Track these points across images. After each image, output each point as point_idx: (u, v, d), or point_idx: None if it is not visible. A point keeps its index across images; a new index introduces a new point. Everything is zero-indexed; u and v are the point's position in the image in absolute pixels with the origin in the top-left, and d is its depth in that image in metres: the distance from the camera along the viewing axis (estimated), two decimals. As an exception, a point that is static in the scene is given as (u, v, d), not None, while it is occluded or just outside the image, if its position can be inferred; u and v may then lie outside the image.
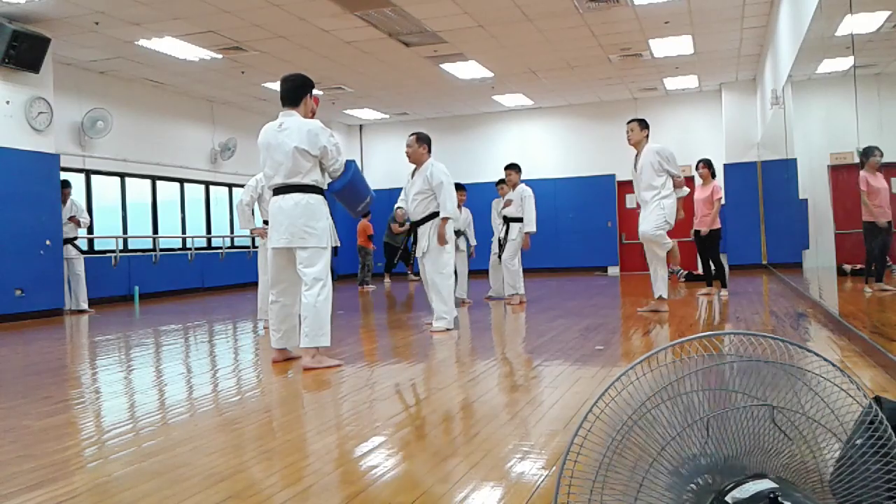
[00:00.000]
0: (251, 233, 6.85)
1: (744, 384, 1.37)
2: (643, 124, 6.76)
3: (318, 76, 11.11)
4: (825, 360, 1.39)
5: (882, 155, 7.03)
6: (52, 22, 8.29)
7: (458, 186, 8.89)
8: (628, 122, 6.84)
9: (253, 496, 2.13)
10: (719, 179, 12.36)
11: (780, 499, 1.20)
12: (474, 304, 8.42)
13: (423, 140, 6.07)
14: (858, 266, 10.01)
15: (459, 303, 8.48)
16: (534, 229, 8.25)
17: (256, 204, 6.43)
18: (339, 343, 5.34)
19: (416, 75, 11.64)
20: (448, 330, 5.87)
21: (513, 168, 8.40)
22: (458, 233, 8.69)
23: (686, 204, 7.17)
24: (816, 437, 1.41)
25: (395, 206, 6.32)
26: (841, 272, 10.02)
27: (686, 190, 8.28)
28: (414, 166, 6.09)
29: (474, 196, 10.36)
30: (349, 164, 4.59)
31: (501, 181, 8.84)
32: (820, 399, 1.43)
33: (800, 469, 1.38)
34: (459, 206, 8.74)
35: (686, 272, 11.13)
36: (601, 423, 1.30)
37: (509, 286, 8.32)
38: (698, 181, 8.96)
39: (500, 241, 8.44)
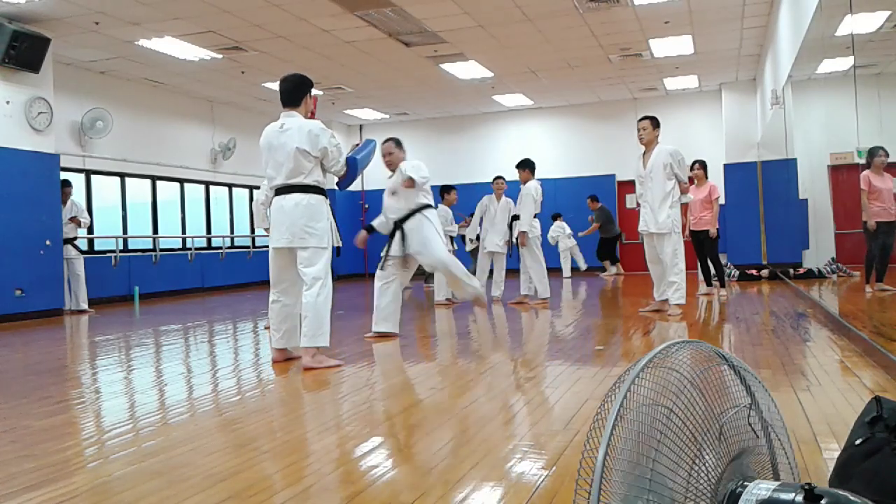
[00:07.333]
0: (266, 232, 6.84)
1: (734, 388, 1.39)
2: (655, 123, 6.51)
3: (318, 76, 11.11)
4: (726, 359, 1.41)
5: (888, 155, 7.02)
6: (52, 22, 8.29)
7: (450, 188, 9.00)
8: (640, 120, 6.58)
9: (253, 496, 2.13)
10: (719, 179, 12.43)
11: (815, 491, 1.20)
12: (463, 304, 8.42)
13: (399, 144, 5.90)
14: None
15: (448, 302, 8.51)
16: (524, 229, 8.12)
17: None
18: (339, 343, 5.34)
19: (416, 75, 11.64)
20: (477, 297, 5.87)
21: (519, 166, 8.36)
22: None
23: (683, 206, 7.10)
24: (769, 433, 1.43)
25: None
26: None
27: (690, 196, 8.25)
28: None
29: (475, 196, 10.37)
30: (350, 162, 4.61)
31: (498, 178, 8.88)
32: (769, 399, 1.45)
33: (762, 466, 1.39)
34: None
35: (738, 272, 10.88)
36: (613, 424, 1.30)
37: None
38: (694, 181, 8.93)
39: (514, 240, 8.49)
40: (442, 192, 8.91)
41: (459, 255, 8.95)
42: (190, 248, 12.29)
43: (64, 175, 9.18)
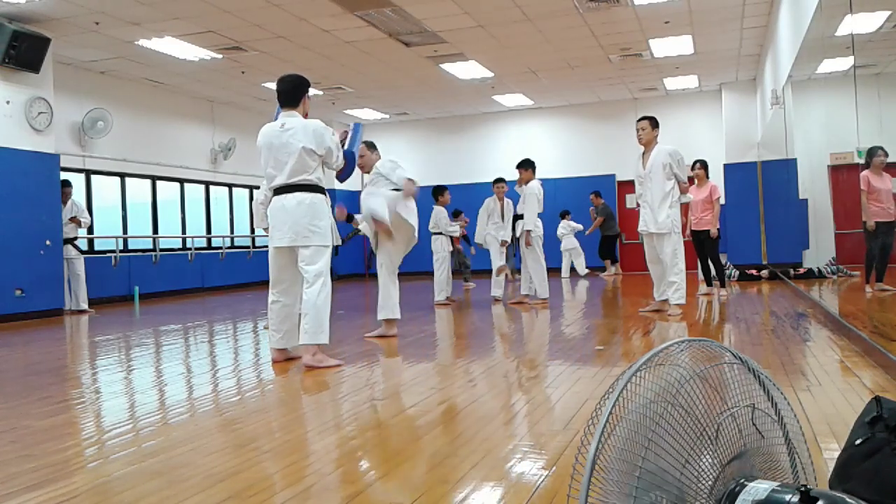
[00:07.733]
0: (266, 232, 6.85)
1: (735, 387, 1.39)
2: (654, 123, 6.52)
3: (318, 76, 11.11)
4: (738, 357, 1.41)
5: (887, 155, 7.02)
6: (52, 22, 8.29)
7: (443, 189, 9.06)
8: (639, 121, 6.59)
9: (253, 496, 2.13)
10: (719, 179, 12.42)
11: (811, 493, 1.20)
12: (463, 304, 8.44)
13: (372, 146, 5.89)
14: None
15: (449, 302, 8.54)
16: (529, 227, 8.10)
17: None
18: (339, 343, 5.34)
19: (416, 75, 11.64)
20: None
21: (520, 166, 8.35)
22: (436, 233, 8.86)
23: (683, 206, 7.09)
24: (778, 433, 1.43)
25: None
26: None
27: (690, 196, 8.24)
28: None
29: (474, 196, 10.39)
30: (347, 155, 4.67)
31: (499, 181, 8.89)
32: (782, 398, 1.45)
33: (769, 467, 1.39)
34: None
35: (738, 272, 10.83)
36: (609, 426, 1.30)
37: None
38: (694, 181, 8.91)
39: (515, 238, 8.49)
40: (435, 193, 8.95)
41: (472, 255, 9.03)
42: (190, 248, 12.29)
43: (64, 175, 9.19)
